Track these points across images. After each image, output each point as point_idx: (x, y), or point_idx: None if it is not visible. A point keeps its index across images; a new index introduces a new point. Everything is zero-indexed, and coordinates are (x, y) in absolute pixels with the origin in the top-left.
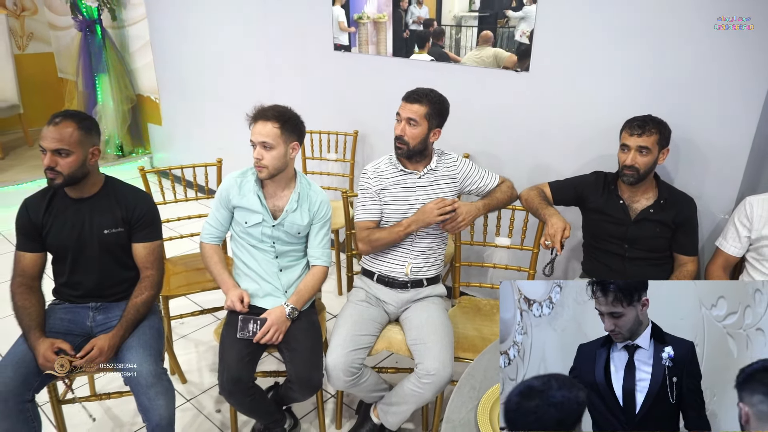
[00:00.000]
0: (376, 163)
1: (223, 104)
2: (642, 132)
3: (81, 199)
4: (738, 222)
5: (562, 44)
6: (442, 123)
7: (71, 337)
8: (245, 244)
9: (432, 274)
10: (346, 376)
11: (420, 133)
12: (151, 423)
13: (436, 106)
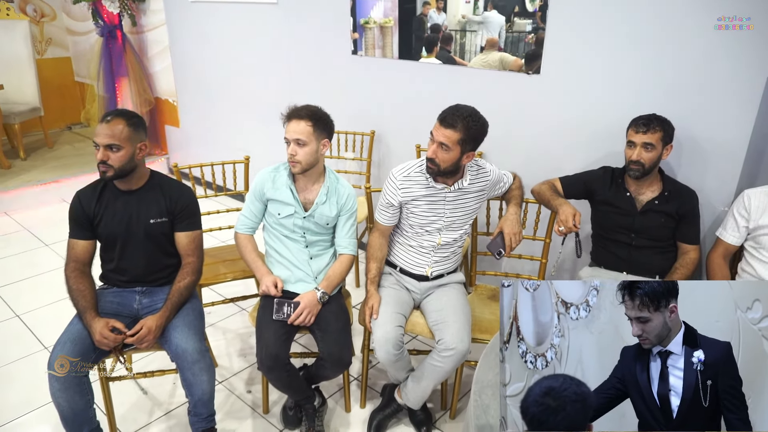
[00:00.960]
0: (406, 170)
1: (241, 106)
2: (647, 129)
3: (129, 191)
4: (737, 213)
5: (572, 48)
6: (477, 146)
7: (120, 318)
8: (278, 235)
9: (451, 267)
10: (395, 349)
11: (452, 158)
12: (194, 397)
13: (472, 132)
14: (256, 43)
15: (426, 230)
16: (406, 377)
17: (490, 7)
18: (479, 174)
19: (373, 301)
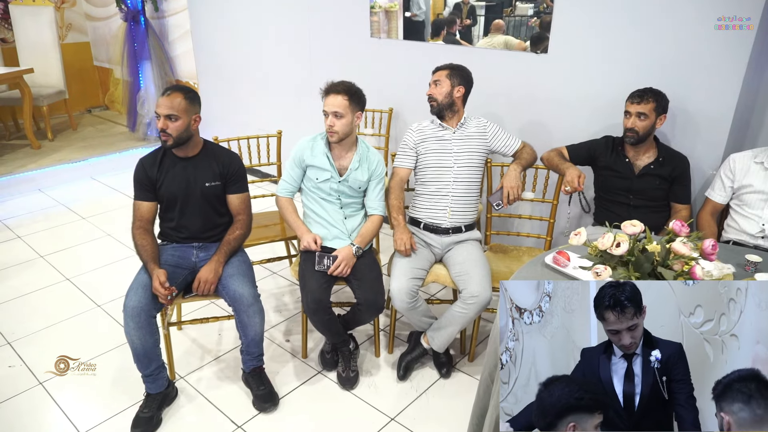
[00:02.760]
0: (420, 122)
1: (260, 88)
2: (641, 101)
3: (186, 158)
4: (723, 175)
5: (577, 29)
6: (465, 83)
7: (180, 269)
8: (316, 198)
9: (469, 220)
10: (408, 298)
11: (444, 90)
12: (247, 338)
13: (456, 71)
14: (276, 27)
15: (439, 166)
16: (430, 324)
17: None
18: (479, 123)
19: (402, 235)
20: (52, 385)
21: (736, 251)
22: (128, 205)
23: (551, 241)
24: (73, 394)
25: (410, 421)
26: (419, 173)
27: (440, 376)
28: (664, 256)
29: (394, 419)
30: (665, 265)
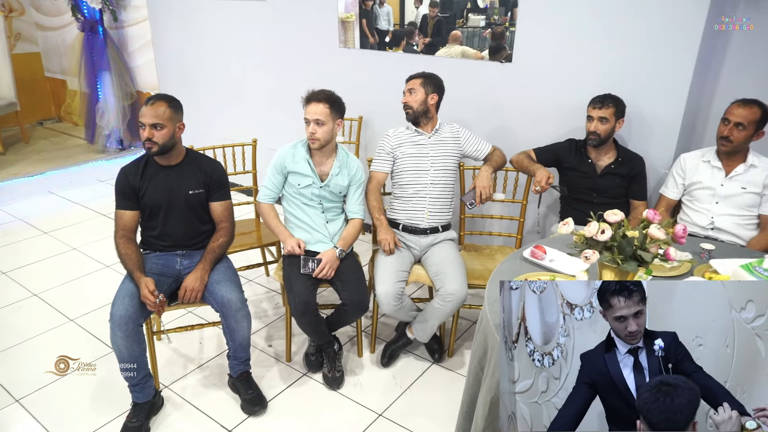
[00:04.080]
0: (396, 128)
1: (228, 98)
2: (602, 106)
3: (169, 166)
4: (675, 173)
5: (540, 40)
6: (438, 90)
7: (164, 278)
8: (298, 203)
9: (445, 221)
10: (394, 301)
11: (419, 98)
12: (235, 342)
13: (429, 79)
14: (243, 37)
15: (416, 170)
16: (415, 316)
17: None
18: (452, 129)
19: (386, 235)
20: (30, 402)
21: (690, 241)
22: (91, 219)
23: (521, 239)
24: (54, 410)
25: (397, 415)
26: (396, 177)
27: (433, 360)
28: (642, 240)
29: (382, 415)
30: (644, 249)
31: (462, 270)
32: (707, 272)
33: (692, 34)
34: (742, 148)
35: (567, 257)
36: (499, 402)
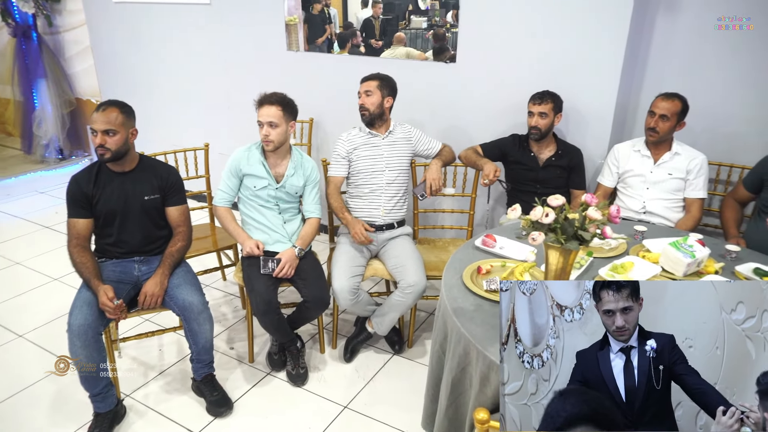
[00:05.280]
0: (350, 131)
1: (175, 103)
2: (541, 102)
3: (123, 172)
4: (610, 163)
5: (481, 40)
6: (392, 93)
7: (123, 285)
8: (255, 205)
9: (399, 217)
10: (350, 295)
11: (376, 101)
12: (197, 345)
13: (385, 81)
14: (189, 42)
15: (372, 171)
16: (373, 311)
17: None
18: (404, 129)
19: (356, 225)
20: None
21: (625, 224)
22: (34, 232)
23: (472, 230)
24: (10, 428)
25: (362, 406)
26: (353, 178)
27: (393, 351)
28: (582, 221)
29: (347, 407)
30: (584, 229)
31: (420, 262)
32: (641, 252)
33: (619, 33)
34: (667, 138)
35: (515, 243)
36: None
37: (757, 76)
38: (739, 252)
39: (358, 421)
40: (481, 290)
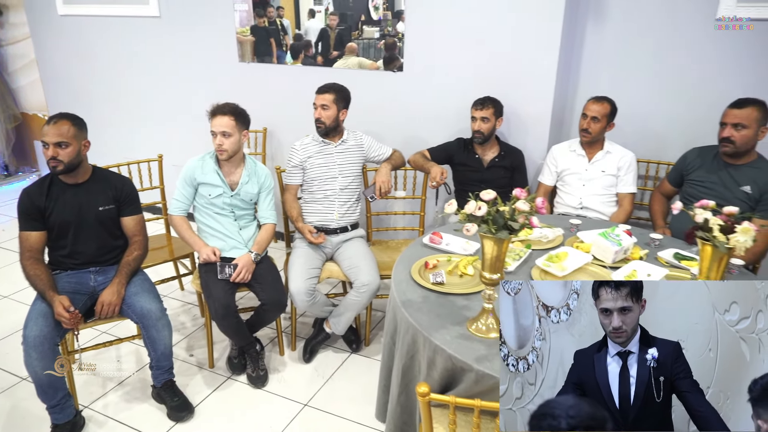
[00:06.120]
0: (302, 140)
1: (126, 115)
2: (482, 107)
3: (76, 184)
4: (549, 162)
5: (426, 50)
6: (347, 105)
7: (79, 295)
8: (210, 213)
9: (353, 220)
10: (307, 297)
11: (332, 114)
12: (157, 352)
13: (341, 94)
14: (140, 54)
15: (325, 178)
16: (330, 311)
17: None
18: (356, 137)
19: (305, 230)
20: None
21: (562, 219)
22: None
23: (423, 231)
24: None
25: (322, 403)
26: (307, 185)
27: (351, 350)
28: (511, 213)
29: (307, 405)
30: (513, 219)
31: (373, 262)
32: (575, 243)
33: (552, 42)
34: (599, 138)
35: (460, 240)
36: (411, 367)
37: (678, 79)
38: (662, 240)
39: (318, 418)
40: (428, 283)
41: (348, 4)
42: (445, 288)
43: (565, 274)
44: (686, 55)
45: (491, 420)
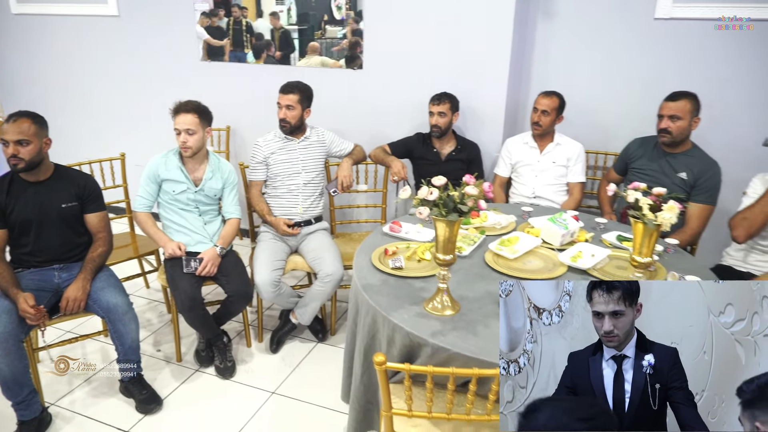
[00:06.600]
0: (265, 136)
1: (86, 115)
2: (439, 102)
3: (38, 182)
4: (503, 155)
5: (385, 49)
6: (311, 103)
7: (43, 293)
8: (175, 209)
9: (316, 213)
10: (272, 287)
11: (296, 114)
12: (124, 346)
13: (305, 93)
14: (99, 53)
15: (289, 173)
16: (296, 302)
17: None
18: (318, 133)
19: (280, 223)
20: None
21: (516, 207)
22: None
23: (386, 223)
24: None
25: (290, 390)
26: (271, 180)
27: (317, 340)
28: (461, 197)
29: (275, 392)
30: (462, 203)
31: (337, 253)
32: (526, 228)
33: (504, 40)
34: (549, 131)
35: (418, 228)
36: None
37: (621, 75)
38: (606, 224)
39: (286, 404)
40: (388, 268)
41: (311, 4)
42: (404, 272)
43: (516, 257)
44: (628, 52)
45: (441, 390)
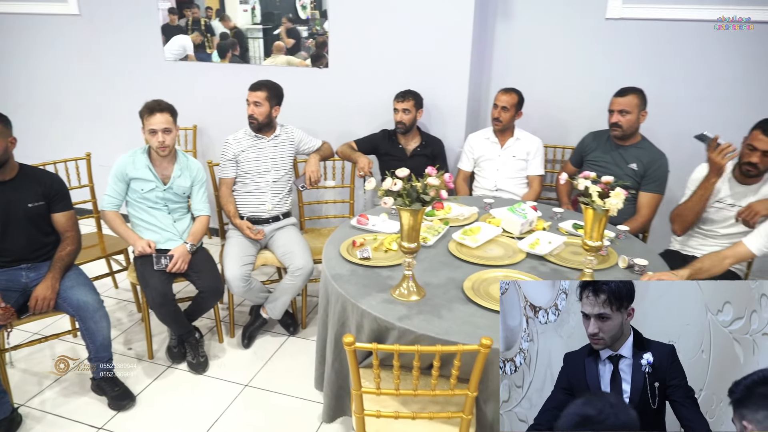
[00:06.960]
0: (236, 134)
1: (48, 116)
2: (403, 99)
3: (3, 181)
4: (466, 150)
5: (349, 47)
6: (280, 101)
7: (10, 293)
8: (144, 207)
9: (285, 209)
10: (242, 282)
11: (264, 111)
12: (95, 344)
13: (274, 91)
14: (60, 53)
15: (258, 171)
16: (266, 297)
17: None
18: (287, 131)
19: (244, 226)
20: None
21: (478, 199)
22: None
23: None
24: None
25: (262, 382)
26: (240, 178)
27: (289, 333)
28: (423, 187)
29: (248, 385)
30: (425, 193)
31: (306, 248)
32: (488, 219)
33: (464, 38)
34: (509, 126)
35: (384, 220)
36: (343, 334)
37: (575, 72)
38: (563, 213)
39: (259, 396)
40: (356, 258)
41: (275, 4)
42: (371, 262)
43: (478, 245)
44: (582, 51)
45: (407, 372)
